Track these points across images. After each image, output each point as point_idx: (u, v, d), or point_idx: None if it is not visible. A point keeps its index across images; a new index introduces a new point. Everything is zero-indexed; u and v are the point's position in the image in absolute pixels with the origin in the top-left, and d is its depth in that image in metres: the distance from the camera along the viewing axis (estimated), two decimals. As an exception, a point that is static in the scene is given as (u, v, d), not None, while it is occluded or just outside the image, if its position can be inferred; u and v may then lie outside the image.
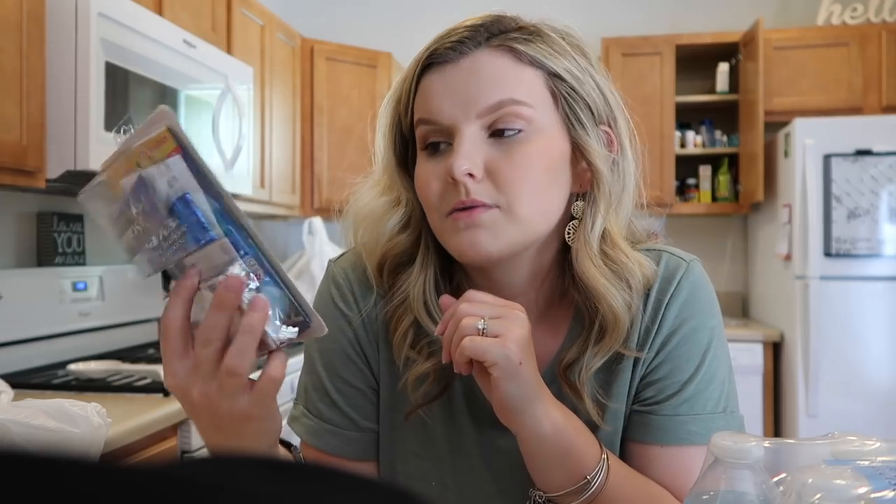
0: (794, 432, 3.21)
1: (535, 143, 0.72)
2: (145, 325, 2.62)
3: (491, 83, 0.71)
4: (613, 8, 3.92)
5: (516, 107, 0.71)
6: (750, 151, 3.56)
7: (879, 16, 3.60)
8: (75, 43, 1.81)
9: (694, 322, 0.78)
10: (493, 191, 0.71)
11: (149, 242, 0.61)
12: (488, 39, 0.73)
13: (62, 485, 0.19)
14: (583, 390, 0.76)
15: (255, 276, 0.58)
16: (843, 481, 0.50)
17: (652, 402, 0.77)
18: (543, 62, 0.73)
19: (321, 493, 0.23)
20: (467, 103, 0.71)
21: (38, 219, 2.24)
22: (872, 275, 3.14)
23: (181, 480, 0.21)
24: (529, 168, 0.71)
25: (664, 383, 0.77)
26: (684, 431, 0.76)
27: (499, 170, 0.71)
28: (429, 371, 0.78)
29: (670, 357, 0.77)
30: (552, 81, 0.73)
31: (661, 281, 0.78)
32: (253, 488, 0.21)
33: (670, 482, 0.75)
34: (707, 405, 0.76)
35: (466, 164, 0.70)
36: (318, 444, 0.83)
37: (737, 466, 0.54)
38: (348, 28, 4.02)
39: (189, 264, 0.60)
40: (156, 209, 0.59)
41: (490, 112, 0.71)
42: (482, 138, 0.72)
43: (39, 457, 0.20)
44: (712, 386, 0.77)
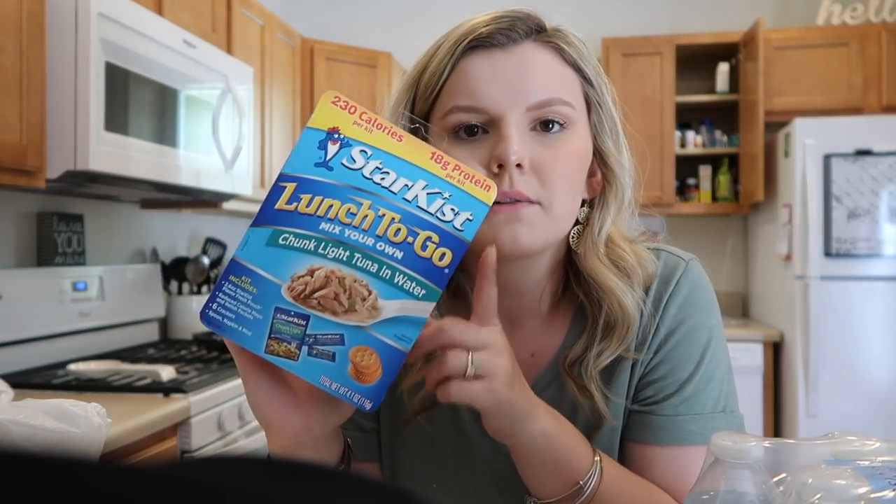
0: (794, 432, 3.21)
1: (575, 143, 0.72)
2: (145, 325, 2.62)
3: (542, 78, 0.71)
4: (613, 8, 3.92)
5: (563, 106, 0.71)
6: (750, 151, 3.56)
7: (879, 16, 3.60)
8: (75, 43, 1.81)
9: (692, 321, 0.77)
10: (537, 185, 0.70)
11: None
12: (538, 32, 0.73)
13: (62, 485, 0.19)
14: (590, 385, 0.76)
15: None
16: (843, 481, 0.50)
17: (651, 401, 0.77)
18: (582, 67, 0.74)
19: (322, 494, 0.23)
20: (517, 94, 0.70)
21: (38, 219, 2.24)
22: (872, 275, 3.14)
23: (182, 480, 0.21)
24: (570, 165, 0.71)
25: (663, 383, 0.77)
26: (683, 431, 0.75)
27: (543, 163, 0.70)
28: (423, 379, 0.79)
29: (669, 357, 0.77)
30: (587, 87, 0.74)
31: (660, 280, 0.78)
32: (254, 489, 0.21)
33: (670, 483, 0.75)
34: (706, 405, 0.76)
35: (519, 152, 0.68)
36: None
37: (737, 466, 0.54)
38: (348, 28, 4.02)
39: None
40: None
41: (539, 107, 0.71)
42: (525, 130, 0.71)
43: (39, 457, 0.20)
44: (711, 385, 0.77)
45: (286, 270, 0.53)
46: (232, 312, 0.54)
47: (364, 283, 0.53)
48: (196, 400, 1.85)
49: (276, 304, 0.53)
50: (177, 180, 2.16)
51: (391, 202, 0.55)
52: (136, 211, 2.71)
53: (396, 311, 0.54)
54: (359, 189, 0.55)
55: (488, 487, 0.81)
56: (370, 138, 0.56)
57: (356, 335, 0.53)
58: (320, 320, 0.53)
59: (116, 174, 1.91)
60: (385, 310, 0.53)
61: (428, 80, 0.74)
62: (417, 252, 0.54)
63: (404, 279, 0.54)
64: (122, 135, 1.93)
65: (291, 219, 0.54)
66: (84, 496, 0.19)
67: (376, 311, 0.53)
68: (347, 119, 0.56)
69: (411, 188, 0.55)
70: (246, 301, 0.53)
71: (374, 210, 0.54)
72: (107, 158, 1.86)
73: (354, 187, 0.54)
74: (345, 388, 0.53)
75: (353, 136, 0.55)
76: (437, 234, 0.55)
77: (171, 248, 2.94)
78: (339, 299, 0.53)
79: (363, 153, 0.55)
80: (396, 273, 0.54)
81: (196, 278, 2.81)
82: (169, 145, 2.14)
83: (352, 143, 0.55)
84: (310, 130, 0.56)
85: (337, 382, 0.53)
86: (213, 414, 1.92)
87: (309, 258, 0.53)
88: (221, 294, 0.54)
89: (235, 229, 3.44)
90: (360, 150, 0.55)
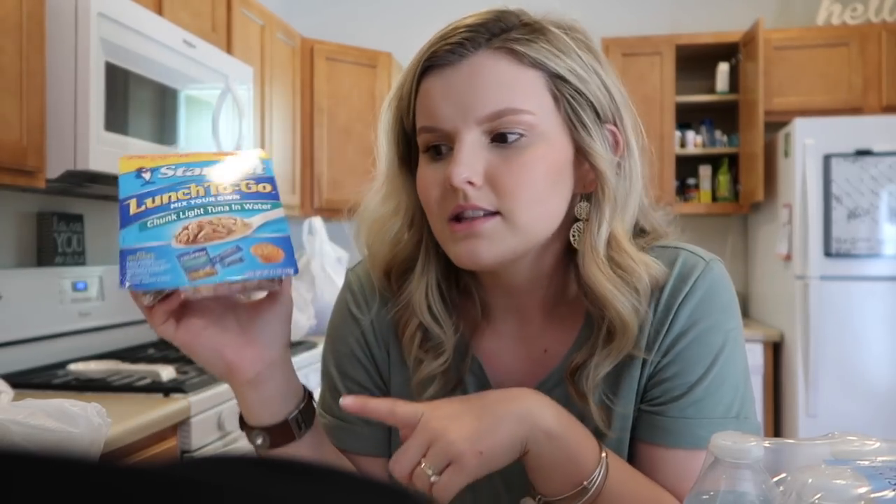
0: (794, 432, 3.21)
1: (536, 149, 0.70)
2: (145, 325, 2.61)
3: (491, 89, 0.70)
4: (613, 8, 3.92)
5: (517, 115, 0.70)
6: (750, 151, 3.56)
7: (879, 16, 3.60)
8: (75, 43, 1.81)
9: (707, 323, 0.76)
10: (493, 197, 0.70)
11: None
12: (489, 40, 0.71)
13: (63, 485, 0.19)
14: (590, 396, 0.75)
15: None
16: (843, 481, 0.50)
17: (659, 402, 0.76)
18: (545, 63, 0.71)
19: (322, 493, 0.23)
20: (467, 109, 0.70)
21: (38, 219, 2.24)
22: (872, 275, 3.14)
23: (181, 480, 0.21)
24: (529, 174, 0.70)
25: (672, 384, 0.75)
26: (692, 435, 0.74)
27: (498, 177, 0.70)
28: (435, 373, 0.79)
29: (679, 358, 0.75)
30: (554, 83, 0.71)
31: (676, 280, 0.76)
32: (254, 488, 0.21)
33: (676, 486, 0.74)
34: (717, 409, 0.74)
35: (466, 171, 0.69)
36: (334, 442, 0.84)
37: (737, 466, 0.54)
38: (348, 28, 4.02)
39: None
40: None
41: (490, 120, 0.70)
42: (483, 144, 0.70)
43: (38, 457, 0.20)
44: (723, 389, 0.75)
45: (167, 235, 0.64)
46: (145, 273, 0.64)
47: (227, 218, 0.66)
48: (196, 400, 1.85)
49: (176, 254, 0.63)
50: (177, 180, 2.16)
51: (209, 178, 0.68)
52: (136, 211, 2.71)
53: (261, 220, 0.66)
54: (181, 183, 0.68)
55: (497, 482, 0.80)
56: (166, 161, 0.70)
57: (248, 241, 0.64)
58: (215, 245, 0.64)
59: (116, 174, 1.91)
60: (253, 224, 0.65)
61: (402, 102, 0.77)
62: (246, 191, 0.68)
63: (251, 205, 0.67)
64: (122, 135, 1.93)
65: (148, 213, 0.67)
66: (85, 496, 0.19)
67: (247, 226, 0.65)
68: (144, 160, 0.71)
69: (214, 167, 0.70)
70: (150, 262, 0.64)
71: (200, 186, 0.68)
72: (107, 158, 1.86)
73: (177, 183, 0.68)
74: (267, 270, 0.63)
75: (155, 165, 0.70)
76: (251, 179, 0.70)
77: (171, 248, 2.94)
78: (218, 231, 0.64)
79: (169, 168, 0.69)
80: (244, 204, 0.67)
81: (196, 278, 2.81)
82: (169, 145, 2.14)
83: (157, 168, 0.69)
84: (123, 175, 0.70)
85: (259, 270, 0.63)
86: (213, 414, 1.92)
87: (177, 224, 0.65)
88: (128, 266, 0.65)
89: (235, 229, 3.44)
90: (165, 168, 0.69)
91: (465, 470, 0.63)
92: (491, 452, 0.64)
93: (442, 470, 0.63)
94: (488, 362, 0.82)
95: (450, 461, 0.63)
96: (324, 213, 3.44)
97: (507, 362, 0.82)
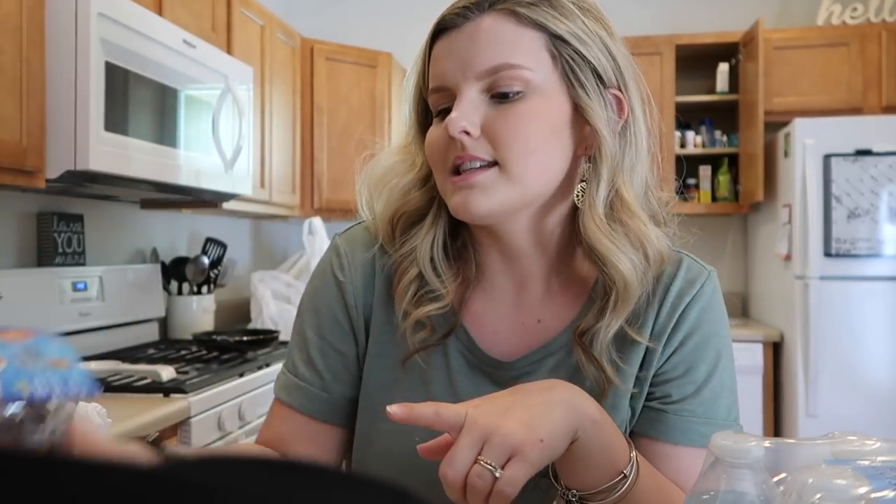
0: (794, 432, 3.21)
1: (531, 103, 0.73)
2: (145, 325, 2.62)
3: (489, 46, 0.73)
4: (613, 8, 3.89)
5: (513, 70, 0.73)
6: (750, 151, 3.56)
7: (879, 16, 3.60)
8: (75, 43, 1.81)
9: (711, 328, 0.80)
10: (490, 148, 0.73)
11: None
12: (493, 4, 0.74)
13: (62, 486, 0.19)
14: (601, 357, 0.76)
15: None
16: (844, 481, 0.50)
17: (668, 400, 0.78)
18: (545, 24, 0.74)
19: (320, 493, 0.23)
20: (466, 65, 0.73)
21: (38, 219, 2.24)
22: (872, 275, 3.14)
23: (179, 482, 0.21)
24: (524, 126, 0.73)
25: (680, 381, 0.78)
26: (698, 434, 0.76)
27: (495, 128, 0.73)
28: (426, 320, 0.80)
29: (687, 358, 0.78)
30: (553, 43, 0.74)
31: (683, 282, 0.80)
32: (252, 489, 0.21)
33: (678, 482, 0.75)
34: (720, 412, 0.78)
35: (462, 120, 0.72)
36: (287, 399, 0.85)
37: (737, 466, 0.54)
38: (348, 28, 4.02)
39: None
40: None
41: (488, 75, 0.73)
42: (483, 99, 0.74)
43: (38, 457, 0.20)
44: (724, 393, 0.79)
45: None
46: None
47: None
48: (196, 400, 1.85)
49: None
50: (177, 180, 2.16)
51: None
52: (136, 211, 2.71)
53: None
54: None
55: None
56: None
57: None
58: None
59: (116, 174, 1.91)
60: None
61: (419, 67, 0.81)
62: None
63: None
64: (121, 135, 1.93)
65: None
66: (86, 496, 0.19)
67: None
68: None
69: None
70: None
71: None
72: (107, 158, 1.86)
73: None
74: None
75: None
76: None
77: (171, 248, 2.94)
78: None
79: None
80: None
81: (196, 278, 2.81)
82: (169, 145, 2.14)
83: None
84: None
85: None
86: (213, 414, 1.92)
87: None
88: None
89: (235, 229, 3.44)
90: None
91: (528, 459, 0.60)
92: (551, 439, 0.62)
93: (503, 464, 0.60)
94: (476, 324, 0.82)
95: (511, 454, 0.60)
96: (324, 213, 3.44)
97: (496, 327, 0.82)
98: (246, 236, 3.61)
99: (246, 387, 2.10)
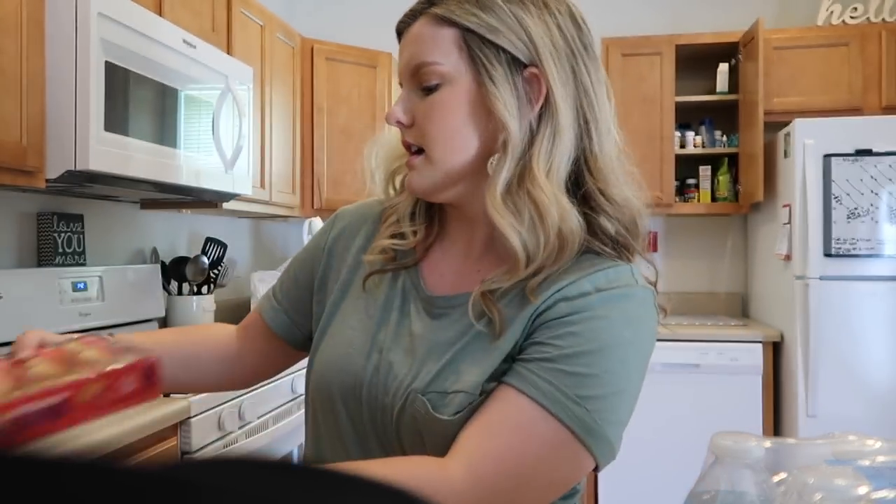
0: (794, 432, 3.21)
1: (443, 93, 0.83)
2: (145, 325, 2.62)
3: (413, 48, 0.84)
4: (613, 8, 3.92)
5: (429, 67, 0.83)
6: (750, 151, 3.56)
7: (879, 16, 3.60)
8: (75, 43, 1.81)
9: (605, 322, 0.78)
10: (419, 137, 0.85)
11: None
12: (422, 11, 0.85)
13: (62, 486, 0.19)
14: (492, 305, 0.81)
15: None
16: (844, 481, 0.50)
17: (526, 357, 0.78)
18: (456, 20, 0.82)
19: (320, 494, 0.23)
20: (403, 66, 0.86)
21: (38, 219, 2.24)
22: (872, 275, 3.14)
23: (182, 483, 0.21)
24: (438, 113, 0.83)
25: (545, 345, 0.78)
26: (536, 388, 0.75)
27: (418, 118, 0.85)
28: (388, 249, 0.92)
29: (564, 331, 0.78)
30: (464, 36, 0.82)
31: (608, 274, 0.80)
32: (254, 490, 0.21)
33: (502, 423, 0.76)
34: (571, 389, 0.75)
35: (395, 113, 0.86)
36: (258, 307, 1.05)
37: (737, 466, 0.54)
38: (348, 28, 4.02)
39: None
40: None
41: (413, 75, 0.85)
42: (418, 94, 0.85)
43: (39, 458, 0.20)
44: (587, 381, 0.75)
45: None
46: None
47: None
48: (196, 400, 1.85)
49: None
50: (177, 180, 2.16)
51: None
52: (136, 211, 2.71)
53: None
54: None
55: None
56: None
57: None
58: None
59: (116, 174, 1.91)
60: None
61: None
62: None
63: None
64: (122, 135, 1.93)
65: None
66: (86, 496, 0.19)
67: None
68: None
69: None
70: None
71: None
72: (107, 158, 1.86)
73: None
74: None
75: None
76: None
77: (171, 248, 2.94)
78: None
79: None
80: None
81: (196, 278, 2.81)
82: (169, 145, 2.14)
83: None
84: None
85: None
86: (213, 414, 1.92)
87: None
88: None
89: (235, 229, 3.44)
90: None
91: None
92: None
93: None
94: (429, 269, 0.93)
95: None
96: (324, 213, 3.44)
97: (444, 271, 0.92)
98: (246, 236, 3.61)
99: (246, 387, 2.09)
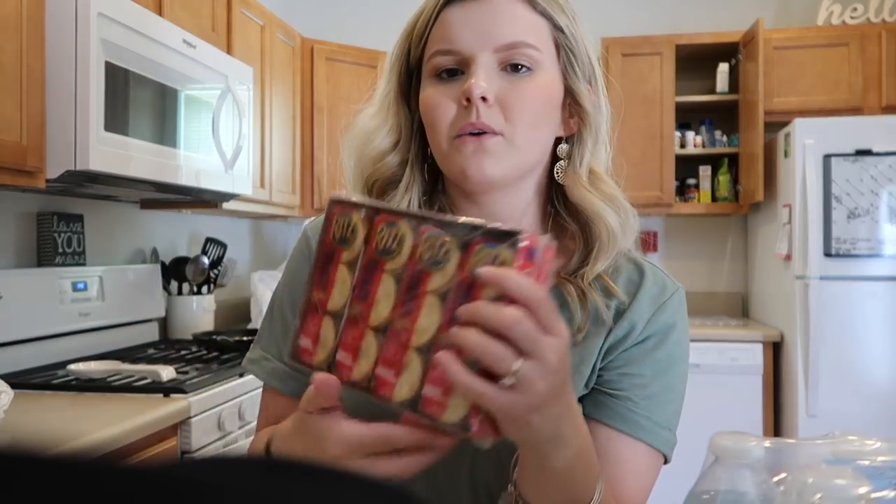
0: (794, 432, 3.21)
1: (539, 81, 0.79)
2: (145, 325, 2.62)
3: (509, 24, 0.79)
4: (613, 8, 3.92)
5: (528, 49, 0.79)
6: (750, 151, 3.56)
7: (879, 16, 3.60)
8: (75, 43, 1.81)
9: (677, 335, 0.83)
10: (501, 119, 0.77)
11: None
12: None
13: (64, 486, 0.19)
14: (590, 291, 0.80)
15: None
16: (844, 481, 0.50)
17: (615, 387, 0.80)
18: (551, 15, 0.81)
19: (321, 494, 0.23)
20: (486, 37, 0.78)
21: (38, 219, 2.24)
22: (872, 275, 3.14)
23: (182, 481, 0.21)
24: (532, 100, 0.78)
25: (632, 372, 0.80)
26: (636, 424, 0.78)
27: (507, 99, 0.78)
28: None
29: (648, 357, 0.81)
30: (556, 33, 0.81)
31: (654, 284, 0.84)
32: (254, 489, 0.21)
33: (617, 468, 0.77)
34: (659, 416, 0.79)
35: (481, 88, 0.76)
36: (271, 380, 0.86)
37: (737, 466, 0.54)
38: (348, 28, 4.02)
39: None
40: None
41: (506, 49, 0.78)
42: (495, 70, 0.79)
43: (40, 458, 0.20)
44: (669, 398, 0.81)
45: None
46: None
47: None
48: (196, 400, 1.85)
49: None
50: (177, 180, 2.16)
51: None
52: (136, 211, 2.71)
53: None
54: None
55: (461, 468, 0.80)
56: None
57: None
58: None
59: (116, 174, 1.91)
60: None
61: (417, 31, 0.85)
62: None
63: None
64: (122, 135, 1.93)
65: None
66: (86, 497, 0.19)
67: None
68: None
69: None
70: None
71: None
72: (107, 158, 1.86)
73: None
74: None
75: None
76: None
77: (171, 248, 2.94)
78: None
79: None
80: None
81: (196, 278, 2.81)
82: (169, 145, 2.14)
83: None
84: None
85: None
86: (213, 414, 1.92)
87: None
88: None
89: (235, 229, 3.44)
90: None
91: (513, 405, 0.52)
92: (529, 430, 0.55)
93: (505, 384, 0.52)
94: None
95: (521, 391, 0.51)
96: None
97: None
98: (246, 236, 3.61)
99: (246, 387, 2.09)
